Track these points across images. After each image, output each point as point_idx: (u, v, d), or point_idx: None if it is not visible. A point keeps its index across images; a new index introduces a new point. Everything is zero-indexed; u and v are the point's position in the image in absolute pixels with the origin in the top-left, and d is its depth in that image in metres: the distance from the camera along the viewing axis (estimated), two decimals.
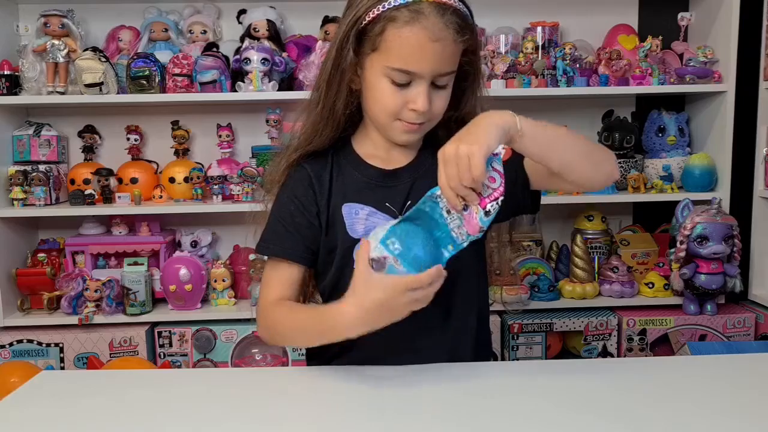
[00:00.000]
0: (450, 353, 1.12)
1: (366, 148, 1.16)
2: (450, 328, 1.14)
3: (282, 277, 1.14)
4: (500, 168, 0.96)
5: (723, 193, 2.25)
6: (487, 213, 0.95)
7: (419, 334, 1.09)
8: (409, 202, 1.12)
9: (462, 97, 1.13)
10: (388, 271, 0.94)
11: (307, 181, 1.14)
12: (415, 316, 0.97)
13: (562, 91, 2.21)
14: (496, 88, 2.17)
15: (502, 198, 0.95)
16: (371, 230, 1.10)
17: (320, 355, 1.16)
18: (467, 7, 1.06)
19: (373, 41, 1.04)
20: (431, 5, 1.00)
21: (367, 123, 1.15)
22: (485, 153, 0.92)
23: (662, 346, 2.23)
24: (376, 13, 1.02)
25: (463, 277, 1.11)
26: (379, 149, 1.15)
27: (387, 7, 1.01)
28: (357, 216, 1.11)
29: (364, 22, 1.03)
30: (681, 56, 2.37)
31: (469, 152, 0.92)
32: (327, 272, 1.15)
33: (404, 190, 1.13)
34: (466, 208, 0.96)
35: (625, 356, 2.24)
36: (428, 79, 1.03)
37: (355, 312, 0.96)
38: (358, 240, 1.09)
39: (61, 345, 2.17)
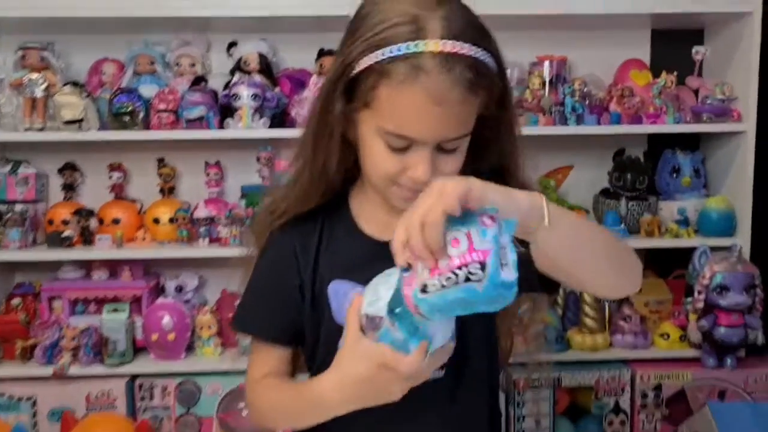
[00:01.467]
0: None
1: (363, 210, 0.99)
2: (458, 408, 0.97)
3: (264, 355, 1.01)
4: (477, 234, 0.68)
5: (743, 239, 2.11)
6: (423, 290, 0.69)
7: (421, 412, 0.92)
8: None
9: (486, 150, 0.94)
10: (381, 337, 0.77)
11: (290, 249, 0.98)
12: (416, 393, 0.83)
13: (572, 129, 2.08)
14: None
15: (452, 275, 0.67)
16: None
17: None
18: (490, 47, 0.85)
19: (365, 96, 0.86)
20: (435, 59, 0.80)
21: (365, 179, 0.97)
22: (464, 192, 0.70)
23: (679, 403, 2.08)
24: (368, 63, 0.84)
25: (471, 348, 0.95)
26: (378, 212, 0.97)
27: (381, 57, 0.82)
28: (346, 298, 0.93)
29: (353, 72, 0.86)
30: (696, 92, 2.25)
31: (443, 187, 0.71)
32: (315, 355, 1.00)
33: None
34: (407, 268, 0.73)
35: (639, 414, 2.09)
36: (431, 145, 0.85)
37: (334, 389, 0.84)
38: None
39: (34, 398, 2.03)
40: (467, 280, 0.67)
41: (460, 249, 0.68)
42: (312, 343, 0.99)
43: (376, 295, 0.78)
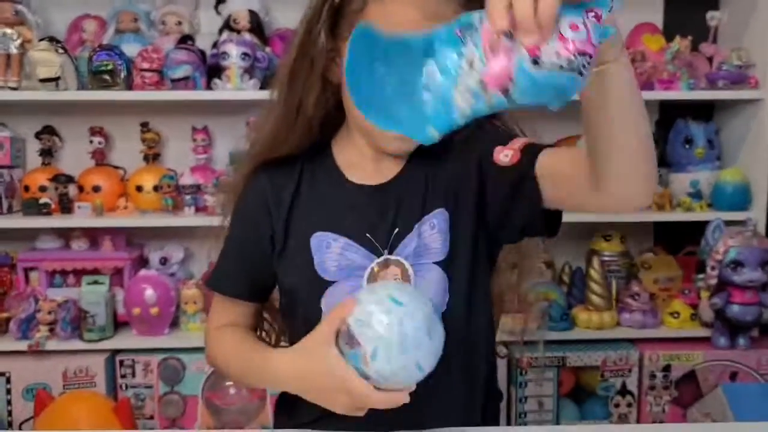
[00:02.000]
0: (463, 407, 0.92)
1: (349, 156, 0.91)
2: (464, 380, 0.92)
3: (227, 307, 0.96)
4: (591, 27, 0.57)
5: (759, 212, 2.00)
6: (535, 62, 0.56)
7: (432, 391, 0.83)
8: (396, 230, 0.87)
9: None
10: (350, 358, 0.73)
11: (261, 195, 0.90)
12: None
13: None
14: None
15: (574, 59, 0.55)
16: (345, 269, 0.86)
17: (298, 413, 0.91)
18: None
19: (352, 21, 0.80)
20: None
21: (349, 123, 0.90)
22: None
23: (688, 384, 1.98)
24: None
25: (473, 324, 0.90)
26: (365, 158, 0.90)
27: None
28: (328, 250, 0.86)
29: None
30: (710, 60, 2.14)
31: None
32: (294, 315, 0.91)
33: (389, 213, 0.88)
34: (509, 38, 0.57)
35: (646, 395, 1.99)
36: None
37: (289, 374, 0.81)
38: (328, 283, 0.86)
39: (7, 375, 1.91)
40: (579, 72, 0.56)
41: (580, 36, 0.57)
42: (288, 291, 0.91)
43: (367, 316, 0.73)
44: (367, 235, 0.86)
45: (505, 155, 0.83)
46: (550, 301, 2.04)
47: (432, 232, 0.87)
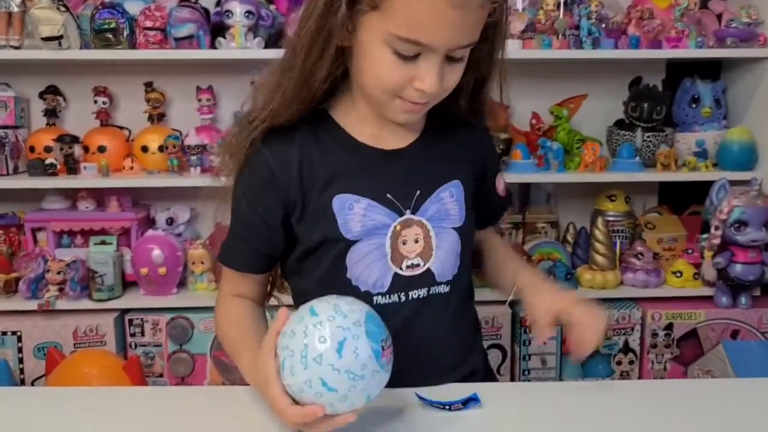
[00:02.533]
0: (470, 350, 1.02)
1: (351, 122, 0.91)
2: (468, 331, 1.02)
3: (236, 279, 0.96)
4: None
5: (764, 172, 2.00)
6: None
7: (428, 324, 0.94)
8: (419, 192, 0.89)
9: (478, 63, 0.88)
10: (282, 368, 0.70)
11: (265, 170, 0.88)
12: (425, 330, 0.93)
13: (587, 53, 1.95)
14: (512, 49, 1.89)
15: None
16: (369, 229, 0.87)
17: None
18: None
19: None
20: None
21: (354, 91, 0.89)
22: None
23: (690, 342, 2.01)
24: None
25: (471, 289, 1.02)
26: (368, 125, 0.90)
27: None
28: (351, 211, 0.87)
29: None
30: (719, 17, 2.11)
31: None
32: (312, 273, 0.93)
33: (410, 175, 0.90)
34: None
35: (648, 353, 2.01)
36: (442, 53, 0.79)
37: (246, 373, 0.84)
38: (352, 242, 0.87)
39: (18, 333, 1.94)
40: None
41: None
42: (310, 250, 0.91)
43: (287, 325, 0.71)
44: (388, 195, 0.88)
45: (499, 183, 1.03)
46: (555, 261, 2.06)
47: (451, 200, 0.91)
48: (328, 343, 0.66)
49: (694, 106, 2.09)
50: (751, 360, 1.81)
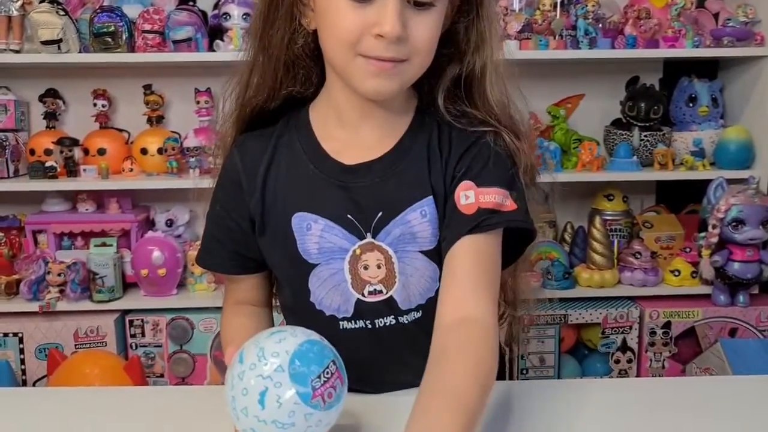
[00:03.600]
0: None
1: (324, 125, 0.84)
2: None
3: (231, 285, 0.93)
4: None
5: (761, 171, 2.01)
6: None
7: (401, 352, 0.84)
8: (380, 214, 0.80)
9: (464, 45, 0.80)
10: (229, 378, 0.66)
11: (234, 175, 0.84)
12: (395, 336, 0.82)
13: (584, 53, 1.95)
14: (509, 49, 1.90)
15: None
16: (327, 252, 0.81)
17: None
18: None
19: None
20: None
21: (328, 82, 0.83)
22: None
23: (688, 340, 2.02)
24: None
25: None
26: (341, 128, 0.82)
27: None
28: (309, 232, 0.81)
29: None
30: (716, 16, 2.11)
31: None
32: (281, 291, 0.91)
33: (374, 194, 0.81)
34: None
35: (646, 351, 2.02)
36: None
37: None
38: (312, 265, 0.82)
39: (20, 335, 1.95)
40: None
41: None
42: (275, 269, 0.88)
43: (227, 386, 0.66)
44: (349, 216, 0.80)
45: (466, 196, 0.78)
46: (553, 260, 2.07)
47: (422, 220, 0.80)
48: (249, 395, 0.63)
49: (691, 105, 2.09)
50: (749, 358, 1.82)
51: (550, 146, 2.02)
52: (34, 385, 1.96)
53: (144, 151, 2.04)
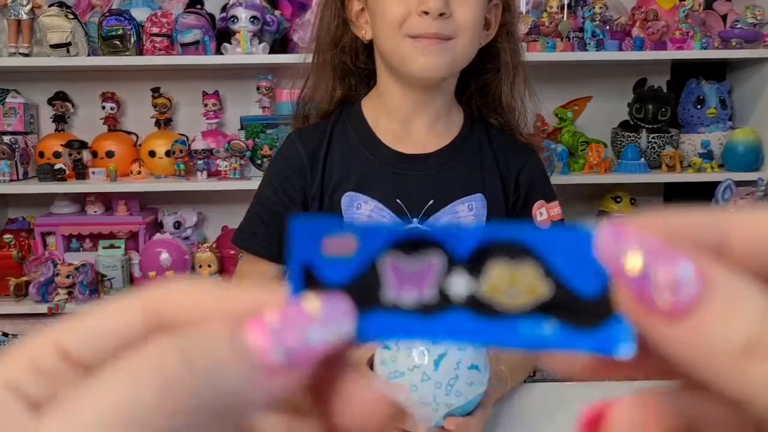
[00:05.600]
0: None
1: (377, 118, 0.92)
2: None
3: (251, 272, 0.97)
4: None
5: None
6: None
7: None
8: (431, 201, 0.88)
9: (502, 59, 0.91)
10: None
11: (296, 160, 0.92)
12: None
13: (592, 55, 1.95)
14: None
15: None
16: None
17: None
18: None
19: None
20: None
21: (381, 83, 0.91)
22: None
23: None
24: None
25: None
26: (393, 121, 0.91)
27: None
28: (358, 211, 0.88)
29: None
30: (724, 18, 2.10)
31: None
32: None
33: (427, 183, 0.89)
34: None
35: None
36: None
37: None
38: None
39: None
40: None
41: None
42: None
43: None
44: (398, 200, 0.87)
45: (540, 213, 0.91)
46: None
47: (468, 213, 0.88)
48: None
49: (699, 107, 2.09)
50: None
51: (557, 148, 2.02)
52: None
53: (152, 154, 2.05)
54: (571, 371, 0.20)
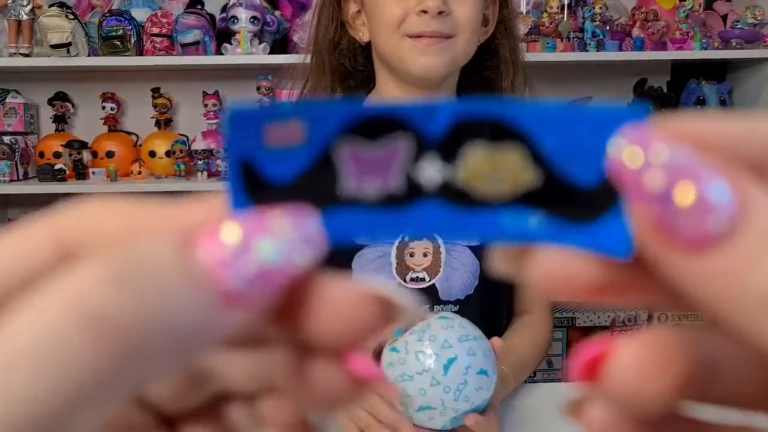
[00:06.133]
0: None
1: None
2: None
3: None
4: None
5: None
6: None
7: None
8: None
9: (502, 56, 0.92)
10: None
11: None
12: None
13: (592, 56, 1.95)
14: None
15: None
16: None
17: None
18: None
19: None
20: None
21: (380, 83, 0.92)
22: None
23: None
24: None
25: (498, 313, 0.96)
26: None
27: None
28: None
29: None
30: (724, 18, 2.11)
31: None
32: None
33: None
34: None
35: None
36: None
37: None
38: (359, 246, 0.86)
39: None
40: None
41: None
42: None
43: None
44: None
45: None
46: None
47: None
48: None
49: (699, 107, 2.09)
50: None
51: None
52: None
53: (152, 154, 2.05)
54: (570, 291, 0.16)
